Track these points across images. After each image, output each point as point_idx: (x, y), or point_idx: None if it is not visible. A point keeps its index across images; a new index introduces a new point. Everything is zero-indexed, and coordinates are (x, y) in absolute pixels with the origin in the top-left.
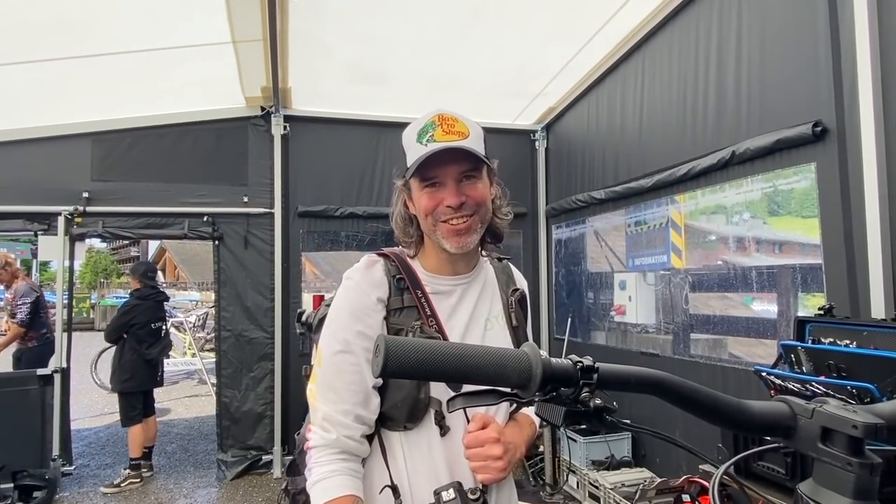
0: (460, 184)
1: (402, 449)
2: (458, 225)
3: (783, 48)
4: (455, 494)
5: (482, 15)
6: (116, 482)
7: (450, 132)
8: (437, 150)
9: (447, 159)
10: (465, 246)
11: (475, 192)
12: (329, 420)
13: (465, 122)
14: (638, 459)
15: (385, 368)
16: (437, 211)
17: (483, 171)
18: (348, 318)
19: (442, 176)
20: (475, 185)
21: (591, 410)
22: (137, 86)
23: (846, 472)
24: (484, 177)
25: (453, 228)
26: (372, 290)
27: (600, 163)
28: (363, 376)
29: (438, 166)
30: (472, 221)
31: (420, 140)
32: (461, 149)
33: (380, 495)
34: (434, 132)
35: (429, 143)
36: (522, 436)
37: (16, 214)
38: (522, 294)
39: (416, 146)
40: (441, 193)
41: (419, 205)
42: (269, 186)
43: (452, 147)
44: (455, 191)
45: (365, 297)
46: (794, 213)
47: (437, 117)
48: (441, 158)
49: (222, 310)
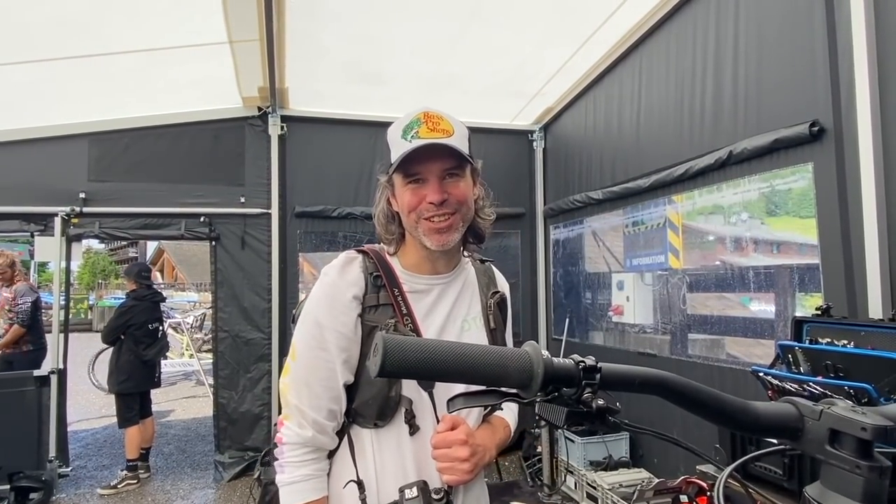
0: (443, 181)
1: (372, 446)
2: (439, 223)
3: (780, 48)
4: (418, 493)
5: (480, 15)
6: (113, 483)
7: (434, 129)
8: (420, 146)
9: (430, 156)
10: (445, 244)
11: (457, 190)
12: (304, 416)
13: (450, 120)
14: (636, 460)
15: (383, 368)
16: (420, 208)
17: (466, 171)
18: (323, 314)
19: (425, 172)
20: (457, 183)
21: (594, 411)
22: (134, 86)
23: (855, 475)
24: (467, 176)
25: (434, 226)
26: (348, 287)
27: (598, 163)
28: (336, 373)
29: (421, 162)
30: (453, 220)
31: (405, 136)
32: (445, 146)
33: (344, 490)
34: (419, 129)
35: (413, 140)
36: (494, 439)
37: (12, 215)
38: (502, 297)
39: (400, 142)
40: (424, 190)
41: (402, 201)
42: (266, 187)
43: (436, 144)
44: (437, 187)
45: (340, 294)
46: (792, 213)
47: (422, 115)
48: (424, 155)
49: (219, 310)
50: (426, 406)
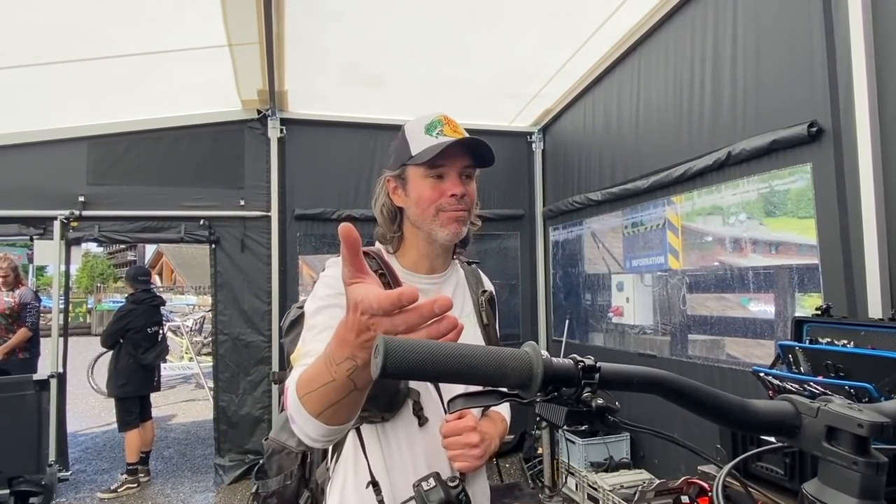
0: (461, 178)
1: (380, 441)
2: (459, 213)
3: (778, 49)
4: (435, 483)
5: (479, 17)
6: (113, 487)
7: (455, 131)
8: (455, 141)
9: (455, 153)
10: (458, 234)
11: (471, 188)
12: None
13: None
14: (636, 461)
15: (384, 369)
16: (441, 201)
17: (476, 174)
18: (329, 295)
19: (448, 167)
20: (471, 183)
21: (594, 411)
22: (133, 89)
23: (852, 471)
24: (475, 179)
25: (454, 216)
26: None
27: (597, 164)
28: None
29: (447, 157)
30: (467, 216)
31: (430, 132)
32: (465, 146)
33: (363, 491)
34: (442, 128)
35: (439, 136)
36: (496, 430)
37: (11, 219)
38: (491, 295)
39: (424, 137)
40: (444, 185)
41: (418, 193)
42: (265, 189)
43: (467, 140)
44: (459, 182)
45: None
46: (791, 213)
47: (442, 117)
48: (451, 151)
49: (219, 313)
50: (433, 398)
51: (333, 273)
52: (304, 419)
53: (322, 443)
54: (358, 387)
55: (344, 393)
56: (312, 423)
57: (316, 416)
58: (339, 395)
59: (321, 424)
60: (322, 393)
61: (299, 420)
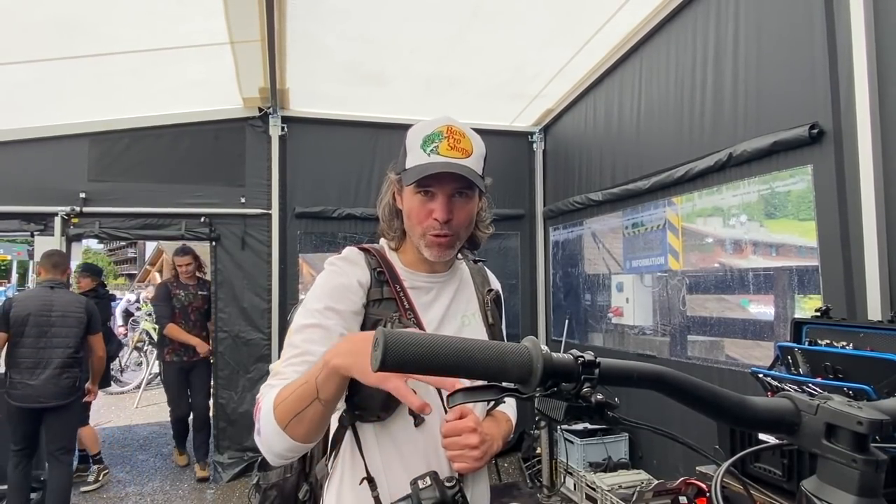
0: (452, 198)
1: (377, 440)
2: (440, 239)
3: (780, 50)
4: (431, 482)
5: (480, 16)
6: (91, 479)
7: (454, 148)
8: (437, 167)
9: (445, 175)
10: (442, 257)
11: (462, 212)
12: (280, 376)
13: (470, 138)
14: (635, 461)
15: (384, 362)
16: (426, 223)
17: (476, 191)
18: (326, 296)
19: (436, 188)
20: (465, 204)
21: (593, 406)
22: (135, 86)
23: (851, 468)
24: (475, 195)
25: (436, 241)
26: (354, 274)
27: (598, 165)
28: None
29: (435, 178)
30: (452, 239)
31: (424, 147)
32: (460, 169)
33: (357, 487)
34: (440, 143)
35: (432, 154)
36: (499, 430)
37: (12, 215)
38: (497, 294)
39: (418, 151)
40: (432, 204)
41: (409, 206)
42: (266, 187)
43: (452, 167)
44: (445, 206)
45: (346, 279)
46: (791, 215)
47: (445, 128)
48: (440, 173)
49: (219, 311)
50: (433, 398)
51: (328, 281)
52: (271, 430)
53: (282, 460)
54: (320, 397)
55: (307, 401)
56: (279, 435)
57: (283, 428)
58: (304, 404)
59: (286, 437)
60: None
61: (265, 431)
